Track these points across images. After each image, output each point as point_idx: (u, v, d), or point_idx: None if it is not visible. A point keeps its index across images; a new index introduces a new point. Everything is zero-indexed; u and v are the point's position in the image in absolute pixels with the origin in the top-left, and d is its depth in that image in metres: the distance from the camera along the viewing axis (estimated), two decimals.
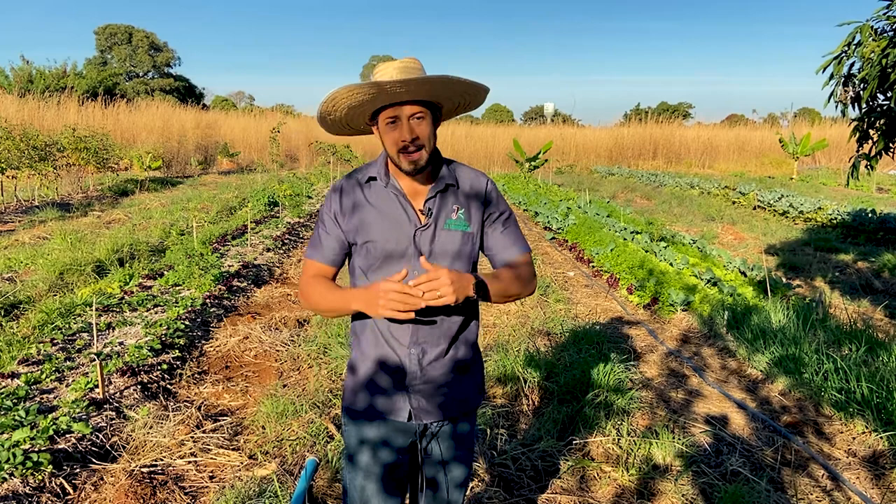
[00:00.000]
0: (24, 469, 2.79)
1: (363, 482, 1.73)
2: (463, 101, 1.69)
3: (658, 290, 6.11)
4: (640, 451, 3.22)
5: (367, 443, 1.72)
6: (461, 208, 1.70)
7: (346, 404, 1.77)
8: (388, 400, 1.69)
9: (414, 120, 1.57)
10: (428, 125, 1.59)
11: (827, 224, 11.34)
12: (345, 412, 1.79)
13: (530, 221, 11.93)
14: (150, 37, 45.05)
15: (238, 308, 5.80)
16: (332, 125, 1.70)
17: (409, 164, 1.58)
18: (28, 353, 4.23)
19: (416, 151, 1.57)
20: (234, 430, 3.53)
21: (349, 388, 1.76)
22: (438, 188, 1.67)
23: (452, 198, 1.70)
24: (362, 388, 1.72)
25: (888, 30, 4.38)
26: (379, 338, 1.69)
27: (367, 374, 1.71)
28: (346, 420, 1.78)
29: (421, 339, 1.66)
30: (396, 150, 1.58)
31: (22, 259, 7.19)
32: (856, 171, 4.97)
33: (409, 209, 1.65)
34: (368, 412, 1.71)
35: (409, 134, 1.56)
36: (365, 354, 1.72)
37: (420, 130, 1.57)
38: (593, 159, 29.70)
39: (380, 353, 1.69)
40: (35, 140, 12.85)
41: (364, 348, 1.72)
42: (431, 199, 1.67)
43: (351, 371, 1.77)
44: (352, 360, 1.77)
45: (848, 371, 3.92)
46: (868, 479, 3.12)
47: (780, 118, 43.72)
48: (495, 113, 54.71)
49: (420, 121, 1.57)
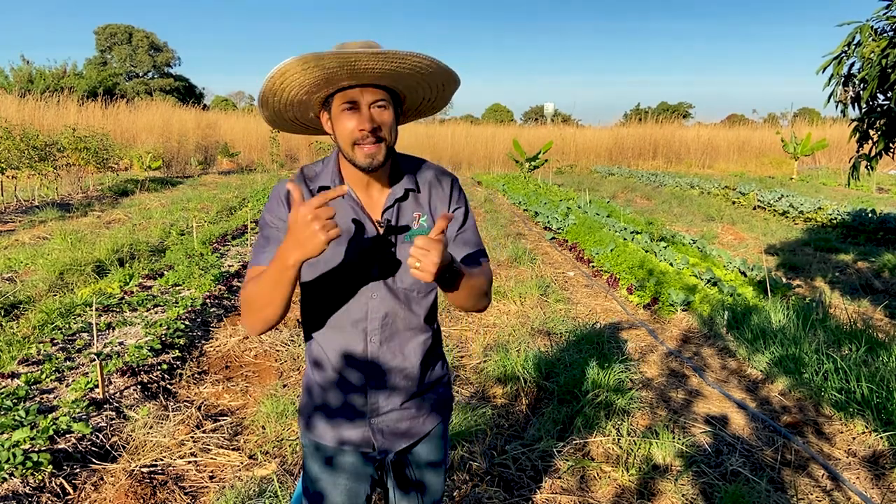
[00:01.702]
0: (24, 469, 2.79)
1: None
2: (429, 96, 1.50)
3: (658, 290, 6.11)
4: (641, 451, 3.22)
5: (331, 469, 1.58)
6: (423, 215, 1.50)
7: (306, 427, 1.59)
8: (350, 430, 1.54)
9: (375, 108, 1.36)
10: (391, 115, 1.39)
11: (827, 224, 11.34)
12: (304, 435, 1.61)
13: (530, 221, 11.93)
14: (150, 37, 45.05)
15: (238, 308, 5.80)
16: (276, 115, 1.46)
17: (366, 157, 1.36)
18: (28, 353, 4.23)
19: (375, 143, 1.36)
20: (234, 430, 3.53)
21: (308, 409, 1.59)
22: (397, 195, 1.47)
23: (413, 204, 1.50)
24: (321, 412, 1.56)
25: (888, 30, 4.38)
26: (334, 368, 1.52)
27: (322, 402, 1.55)
28: (306, 442, 1.61)
29: (384, 366, 1.51)
30: (351, 141, 1.36)
31: (22, 259, 7.19)
32: (856, 172, 4.97)
33: (367, 221, 1.46)
34: (328, 437, 1.55)
35: (369, 123, 1.34)
36: (319, 382, 1.55)
37: (382, 119, 1.36)
38: (593, 159, 29.69)
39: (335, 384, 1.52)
40: (35, 140, 12.86)
41: (318, 377, 1.55)
42: (389, 209, 1.47)
43: (308, 394, 1.59)
44: (307, 381, 1.58)
45: (848, 371, 3.92)
46: (868, 479, 3.12)
47: (780, 118, 43.74)
48: (495, 113, 54.73)
49: (382, 109, 1.37)
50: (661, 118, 35.04)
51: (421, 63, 1.33)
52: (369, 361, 1.50)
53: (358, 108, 1.36)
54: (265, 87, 1.36)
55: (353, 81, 1.34)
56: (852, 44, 4.46)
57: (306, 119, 1.51)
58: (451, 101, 1.54)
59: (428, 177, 1.54)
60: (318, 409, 1.56)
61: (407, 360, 1.53)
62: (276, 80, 1.33)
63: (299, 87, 1.36)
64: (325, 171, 1.49)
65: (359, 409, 1.53)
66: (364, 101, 1.36)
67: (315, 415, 1.57)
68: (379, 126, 1.36)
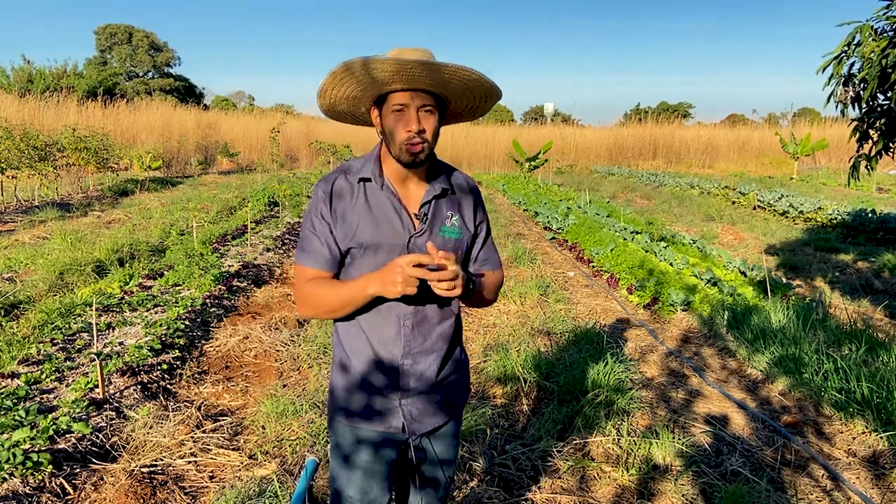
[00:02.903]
0: (24, 469, 2.79)
1: (357, 482, 1.69)
2: (472, 105, 1.63)
3: (658, 290, 6.11)
4: (641, 451, 3.22)
5: (360, 447, 1.68)
6: (455, 215, 1.65)
7: (340, 405, 1.70)
8: (381, 408, 1.65)
9: (423, 111, 1.50)
10: (436, 120, 1.52)
11: (827, 224, 11.34)
12: (337, 412, 1.72)
13: (530, 221, 11.93)
14: (150, 37, 45.03)
15: (238, 308, 5.80)
16: (331, 105, 1.61)
17: (411, 155, 1.51)
18: (28, 353, 4.23)
19: (421, 143, 1.50)
20: (234, 430, 3.53)
21: (341, 388, 1.69)
22: (435, 192, 1.61)
23: (447, 204, 1.65)
24: (354, 391, 1.66)
25: (888, 30, 4.38)
26: (369, 348, 1.63)
27: (357, 381, 1.66)
28: (340, 419, 1.72)
29: (414, 349, 1.63)
30: (399, 140, 1.50)
31: (22, 259, 7.19)
32: (856, 172, 4.97)
33: (404, 213, 1.59)
34: (361, 416, 1.67)
35: (416, 125, 1.48)
36: (354, 362, 1.66)
37: (427, 123, 1.51)
38: (593, 159, 29.69)
39: (370, 364, 1.64)
40: (35, 140, 12.85)
41: (353, 357, 1.66)
42: (427, 205, 1.61)
43: (342, 371, 1.70)
44: (342, 360, 1.69)
45: (848, 371, 3.92)
46: (868, 479, 3.12)
47: (780, 118, 43.74)
48: (495, 113, 54.70)
49: (429, 114, 1.51)
50: (661, 118, 35.03)
51: (469, 77, 1.47)
52: (402, 344, 1.62)
53: (407, 110, 1.49)
54: (327, 80, 1.50)
55: (406, 86, 1.48)
56: (852, 44, 4.46)
57: (357, 112, 1.65)
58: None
59: (459, 181, 1.71)
60: (350, 391, 1.67)
61: (436, 343, 1.65)
62: (338, 74, 1.47)
63: (357, 84, 1.50)
64: (366, 166, 1.61)
65: (391, 391, 1.64)
66: (413, 104, 1.49)
67: (347, 396, 1.67)
68: (424, 129, 1.50)
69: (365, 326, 1.62)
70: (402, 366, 1.63)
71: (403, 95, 1.49)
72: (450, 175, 1.69)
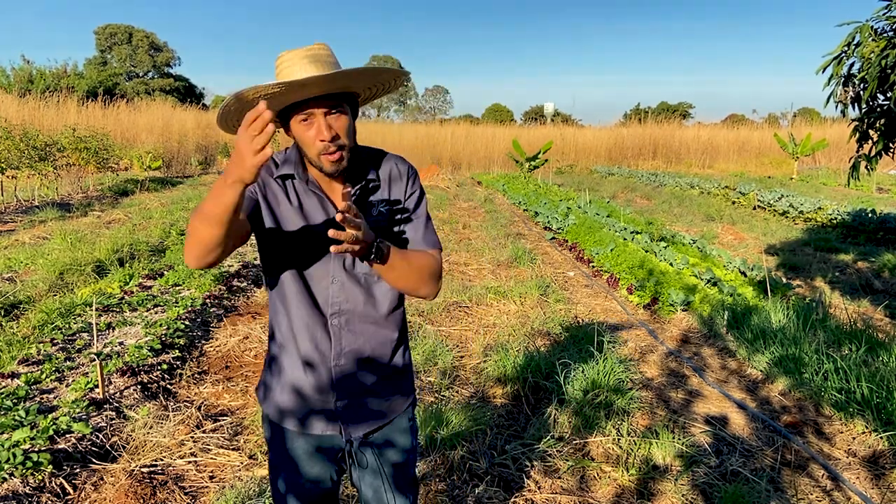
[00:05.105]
0: (24, 469, 2.79)
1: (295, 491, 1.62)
2: (381, 87, 1.54)
3: (658, 290, 6.11)
4: (640, 451, 3.22)
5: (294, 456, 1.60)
6: (383, 202, 1.57)
7: (268, 411, 1.62)
8: (313, 411, 1.57)
9: (331, 116, 1.41)
10: (346, 119, 1.43)
11: (827, 224, 11.34)
12: (265, 419, 1.64)
13: (530, 221, 11.93)
14: (150, 37, 45.07)
15: (238, 308, 5.80)
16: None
17: (332, 165, 1.43)
18: (28, 353, 4.23)
19: (338, 151, 1.42)
20: (234, 430, 3.53)
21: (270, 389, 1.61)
22: (359, 184, 1.53)
23: (373, 192, 1.57)
24: (284, 393, 1.59)
25: (888, 30, 4.38)
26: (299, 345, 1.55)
27: (288, 380, 1.58)
28: (268, 427, 1.64)
29: (345, 348, 1.55)
30: (316, 152, 1.42)
31: (22, 259, 7.19)
32: (856, 172, 4.98)
33: (330, 207, 1.52)
34: (291, 422, 1.59)
35: (327, 132, 1.39)
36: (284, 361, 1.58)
37: (339, 126, 1.41)
38: (593, 159, 29.69)
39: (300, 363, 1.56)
40: (35, 140, 12.85)
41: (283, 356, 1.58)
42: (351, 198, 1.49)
43: (269, 374, 1.62)
44: (273, 356, 1.61)
45: (848, 371, 3.92)
46: (868, 479, 3.12)
47: (780, 118, 43.75)
48: (495, 113, 54.74)
49: (338, 115, 1.42)
50: (661, 118, 35.05)
51: (365, 73, 1.41)
52: (332, 344, 1.55)
53: (314, 117, 1.41)
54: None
55: (304, 96, 1.38)
56: (852, 44, 4.46)
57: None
58: (450, 101, 1.60)
59: (389, 168, 1.60)
60: (280, 391, 1.60)
61: (367, 343, 1.57)
62: (231, 105, 1.38)
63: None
64: (287, 161, 1.54)
65: (322, 394, 1.57)
66: (319, 111, 1.40)
67: (277, 398, 1.60)
68: (337, 134, 1.42)
69: (295, 322, 1.55)
70: (333, 370, 1.55)
71: (304, 107, 1.40)
72: (378, 165, 1.59)
